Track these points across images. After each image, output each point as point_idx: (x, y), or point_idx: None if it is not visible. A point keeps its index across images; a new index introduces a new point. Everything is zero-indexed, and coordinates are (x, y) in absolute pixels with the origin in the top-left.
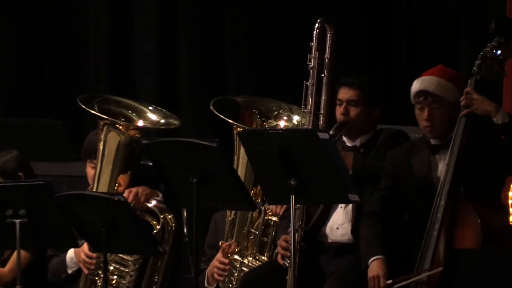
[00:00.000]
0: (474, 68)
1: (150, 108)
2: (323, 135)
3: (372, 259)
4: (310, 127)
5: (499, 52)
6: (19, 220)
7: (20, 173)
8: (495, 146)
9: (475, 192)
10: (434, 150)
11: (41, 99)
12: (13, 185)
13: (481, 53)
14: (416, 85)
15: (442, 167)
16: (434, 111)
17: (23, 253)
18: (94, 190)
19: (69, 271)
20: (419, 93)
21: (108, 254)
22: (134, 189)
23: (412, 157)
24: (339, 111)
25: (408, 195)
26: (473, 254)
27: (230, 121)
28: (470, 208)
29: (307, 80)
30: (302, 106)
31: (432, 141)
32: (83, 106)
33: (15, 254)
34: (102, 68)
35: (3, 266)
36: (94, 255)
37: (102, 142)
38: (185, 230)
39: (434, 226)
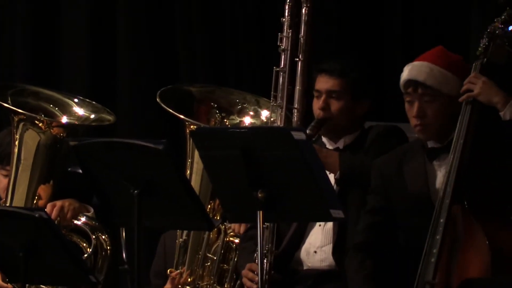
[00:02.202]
0: (479, 49)
1: (76, 100)
2: (298, 135)
3: None
4: (281, 125)
5: (511, 28)
6: None
7: None
8: (506, 150)
9: (482, 207)
10: (432, 155)
11: None
12: None
13: (488, 30)
14: (405, 73)
15: (441, 176)
16: (426, 105)
17: None
18: (7, 204)
19: None
20: (408, 82)
21: (27, 285)
22: (58, 203)
23: (405, 165)
24: (317, 104)
25: (400, 213)
26: (480, 286)
27: (182, 116)
28: (476, 227)
29: (278, 66)
30: (272, 99)
31: (429, 144)
32: None
33: None
34: (19, 50)
35: None
36: (9, 286)
37: (17, 143)
38: (124, 255)
39: (431, 251)
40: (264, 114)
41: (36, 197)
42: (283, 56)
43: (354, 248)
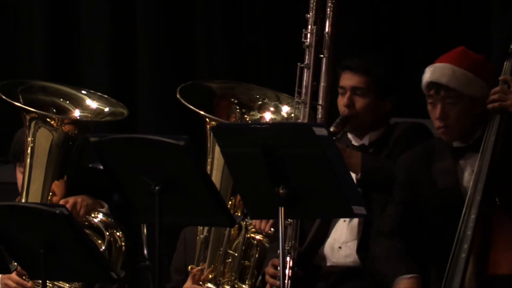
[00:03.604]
0: (511, 46)
1: (84, 92)
2: (320, 131)
3: (401, 277)
4: (304, 121)
5: None
6: None
7: None
8: None
9: None
10: (457, 154)
11: None
12: None
13: None
14: (426, 75)
15: (468, 174)
16: (448, 108)
17: None
18: (23, 200)
19: None
20: (430, 85)
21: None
22: (71, 199)
23: (432, 163)
24: (342, 101)
25: (428, 210)
26: None
27: (202, 113)
28: (508, 224)
29: (302, 62)
30: (296, 95)
31: (454, 144)
32: (4, 97)
33: None
34: (38, 47)
35: None
36: (29, 284)
37: (30, 142)
38: (145, 251)
39: (462, 246)
40: (285, 110)
41: (50, 194)
42: (307, 52)
43: (383, 233)
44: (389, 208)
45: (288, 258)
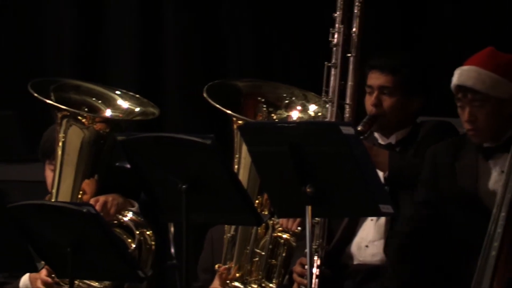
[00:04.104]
0: None
1: (118, 92)
2: (347, 130)
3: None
4: (331, 120)
5: None
6: None
7: None
8: None
9: None
10: (487, 154)
11: None
12: None
13: None
14: (454, 78)
15: (497, 175)
16: (476, 110)
17: None
18: (53, 199)
19: None
20: (457, 88)
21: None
22: (102, 198)
23: (458, 159)
24: (369, 101)
25: (449, 206)
26: None
27: (229, 112)
28: None
29: (329, 61)
30: (323, 94)
31: (485, 144)
32: (36, 95)
33: None
34: (67, 46)
35: None
36: (54, 281)
37: (61, 139)
38: (172, 250)
39: (492, 244)
40: (312, 108)
41: (81, 192)
42: (334, 51)
43: (399, 235)
44: (412, 209)
45: (315, 257)
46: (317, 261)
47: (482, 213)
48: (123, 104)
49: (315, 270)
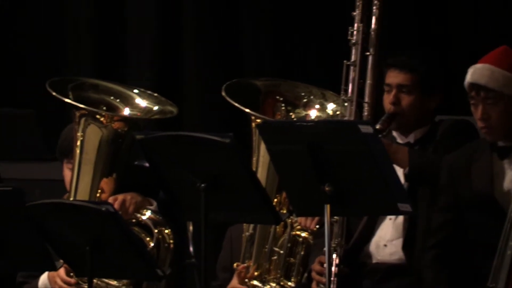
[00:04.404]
0: None
1: (136, 91)
2: (365, 128)
3: None
4: (350, 119)
5: None
6: None
7: None
8: None
9: None
10: (502, 153)
11: (3, 83)
12: None
13: None
14: (467, 76)
15: (511, 175)
16: (489, 108)
17: None
18: (71, 197)
19: None
20: (470, 86)
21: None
22: (120, 197)
23: (473, 163)
24: (387, 99)
25: (467, 210)
26: None
27: (247, 110)
28: None
29: (348, 60)
30: (342, 92)
31: (499, 143)
32: (54, 94)
33: None
34: (83, 44)
35: None
36: (73, 280)
37: (79, 138)
38: (191, 249)
39: (508, 244)
40: (330, 107)
41: (99, 191)
42: (353, 50)
43: (432, 246)
44: (435, 216)
45: (334, 255)
46: (335, 259)
47: (497, 213)
48: (141, 102)
49: (334, 269)
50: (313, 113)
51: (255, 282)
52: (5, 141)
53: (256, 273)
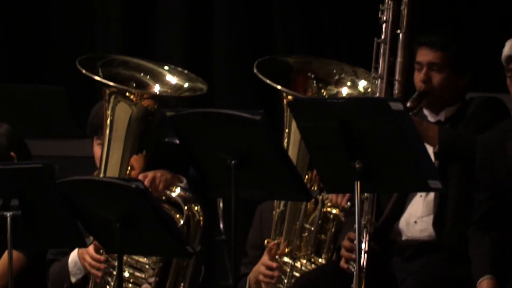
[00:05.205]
0: None
1: (167, 68)
2: (396, 106)
3: (485, 277)
4: (380, 96)
5: None
6: (10, 213)
7: (11, 153)
8: None
9: None
10: None
11: (34, 60)
12: (3, 168)
13: None
14: (506, 48)
15: None
16: None
17: (15, 254)
18: (101, 174)
19: (73, 279)
20: (508, 58)
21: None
22: (150, 174)
23: (508, 141)
24: (418, 77)
25: (504, 188)
26: None
27: (279, 87)
28: None
29: (378, 37)
30: (372, 70)
31: None
32: (84, 71)
33: (5, 256)
34: (113, 21)
35: None
36: (102, 257)
37: (109, 116)
38: (221, 226)
39: None
40: (362, 84)
41: (129, 168)
42: (384, 28)
43: (477, 227)
44: (477, 198)
45: (364, 233)
46: (365, 236)
47: None
48: (172, 79)
49: (364, 246)
50: (344, 91)
51: (285, 259)
52: (36, 119)
53: (286, 250)
